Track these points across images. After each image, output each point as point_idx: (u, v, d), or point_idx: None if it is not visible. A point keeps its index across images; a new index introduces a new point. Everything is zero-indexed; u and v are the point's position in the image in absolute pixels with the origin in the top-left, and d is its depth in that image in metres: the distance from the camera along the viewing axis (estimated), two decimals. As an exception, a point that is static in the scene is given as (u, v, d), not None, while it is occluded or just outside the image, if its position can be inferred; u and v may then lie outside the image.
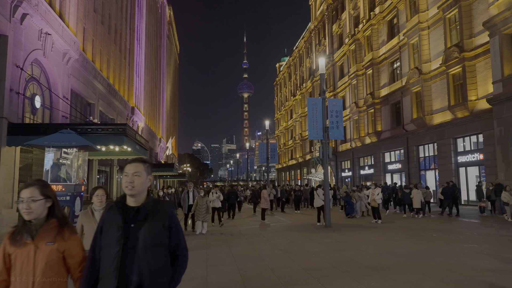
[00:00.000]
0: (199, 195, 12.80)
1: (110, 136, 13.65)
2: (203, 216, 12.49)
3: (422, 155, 29.76)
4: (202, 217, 12.50)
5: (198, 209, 12.50)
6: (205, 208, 12.46)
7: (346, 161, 45.36)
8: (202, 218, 12.50)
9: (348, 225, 14.24)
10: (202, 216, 12.47)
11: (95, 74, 23.23)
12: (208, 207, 12.63)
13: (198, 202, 12.62)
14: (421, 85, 28.14)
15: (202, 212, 12.47)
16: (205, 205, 12.43)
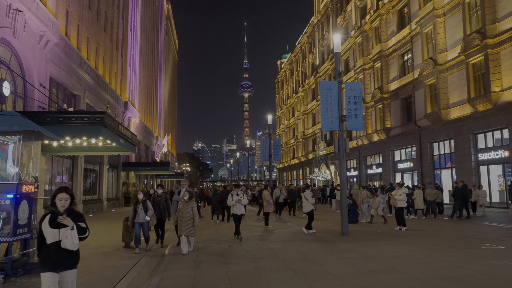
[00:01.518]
0: (184, 199, 9.50)
1: (85, 127, 11.50)
2: (187, 229, 9.23)
3: (437, 153, 27.58)
4: (186, 230, 9.23)
5: (181, 219, 9.29)
6: (189, 218, 9.26)
7: (351, 160, 43.18)
8: (186, 231, 9.22)
9: (367, 233, 12.03)
10: (185, 229, 9.22)
11: (80, 62, 21.08)
12: (195, 215, 9.36)
13: (180, 209, 9.44)
14: (436, 77, 25.97)
15: (185, 223, 9.22)
16: (189, 214, 9.26)
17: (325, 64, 50.79)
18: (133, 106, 35.37)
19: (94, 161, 24.78)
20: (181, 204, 9.58)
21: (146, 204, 9.85)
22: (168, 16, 69.96)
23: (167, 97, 72.40)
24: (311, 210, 12.40)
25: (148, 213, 9.78)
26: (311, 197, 12.36)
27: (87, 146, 16.37)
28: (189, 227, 9.27)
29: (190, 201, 9.43)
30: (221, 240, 11.18)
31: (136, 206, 9.83)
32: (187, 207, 9.38)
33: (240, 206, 11.32)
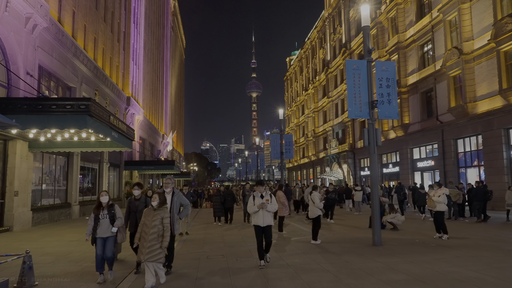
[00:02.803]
0: (151, 205, 6.38)
1: (68, 116, 9.77)
2: (150, 253, 6.00)
3: (462, 150, 25.46)
4: (149, 255, 5.99)
5: (144, 236, 6.15)
6: (156, 235, 6.11)
7: (365, 158, 41.13)
8: (148, 256, 5.99)
9: (403, 242, 9.99)
10: (148, 252, 5.99)
11: (75, 51, 19.41)
12: (166, 231, 6.18)
13: (144, 221, 6.32)
14: (462, 68, 23.88)
15: (149, 242, 6.05)
16: (157, 229, 6.13)
17: (336, 59, 48.78)
18: (137, 102, 33.74)
19: (93, 159, 23.12)
20: (146, 213, 6.34)
21: (114, 210, 6.79)
22: (175, 13, 68.42)
23: (174, 95, 70.88)
24: (318, 215, 10.43)
25: (116, 223, 6.67)
26: (319, 199, 10.41)
27: (79, 141, 14.75)
28: (155, 249, 5.98)
29: (160, 210, 6.27)
30: (228, 251, 9.30)
31: (98, 212, 6.70)
32: (155, 218, 6.14)
33: (266, 215, 7.51)
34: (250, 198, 7.77)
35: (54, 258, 8.63)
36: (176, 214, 7.19)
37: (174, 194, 7.27)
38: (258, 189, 7.74)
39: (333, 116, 50.50)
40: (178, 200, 7.28)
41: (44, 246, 10.35)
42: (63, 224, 16.42)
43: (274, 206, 7.59)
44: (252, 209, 7.56)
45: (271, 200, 7.62)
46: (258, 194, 7.66)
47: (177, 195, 7.31)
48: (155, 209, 6.34)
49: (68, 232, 13.84)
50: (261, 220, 7.49)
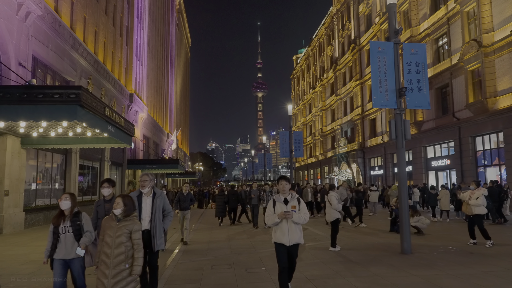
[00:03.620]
0: (112, 212, 4.55)
1: (57, 106, 8.71)
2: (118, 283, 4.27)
3: (481, 148, 24.14)
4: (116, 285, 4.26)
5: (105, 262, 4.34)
6: (122, 257, 4.35)
7: (376, 157, 39.83)
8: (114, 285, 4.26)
9: (434, 249, 8.78)
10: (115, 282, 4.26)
11: (74, 43, 18.41)
12: (137, 251, 4.42)
13: (104, 238, 4.47)
14: (481, 61, 22.57)
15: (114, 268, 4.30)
16: (124, 249, 4.36)
17: (345, 56, 47.51)
18: (140, 99, 32.75)
19: (93, 157, 22.13)
20: (105, 225, 4.49)
21: (80, 220, 4.82)
22: (180, 10, 67.49)
23: (179, 94, 69.95)
24: (337, 219, 9.29)
25: (82, 240, 4.74)
26: (337, 201, 9.23)
27: (74, 137, 13.73)
28: (121, 279, 4.26)
29: (126, 220, 4.45)
30: (235, 260, 8.16)
31: (58, 223, 4.79)
32: (119, 233, 4.35)
33: (293, 229, 5.16)
34: (269, 204, 5.38)
35: (36, 267, 7.55)
36: (159, 224, 5.27)
37: (156, 196, 5.36)
38: (281, 190, 5.35)
39: (341, 114, 49.24)
40: (161, 204, 5.40)
41: (30, 252, 9.32)
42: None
43: (304, 215, 5.19)
44: (271, 219, 5.19)
45: (300, 207, 5.24)
46: (281, 198, 5.27)
47: (160, 198, 5.41)
48: (119, 219, 4.42)
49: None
50: (285, 236, 5.11)
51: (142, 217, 5.28)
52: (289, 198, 5.29)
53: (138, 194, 5.39)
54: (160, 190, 5.60)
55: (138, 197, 5.35)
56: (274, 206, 5.29)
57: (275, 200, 5.35)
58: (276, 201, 5.32)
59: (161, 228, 5.31)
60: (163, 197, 5.49)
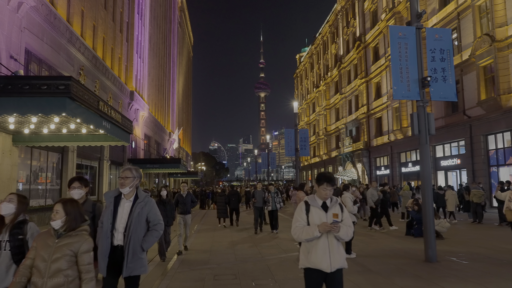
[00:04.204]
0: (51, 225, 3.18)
1: (44, 99, 7.93)
2: None
3: (493, 147, 23.27)
4: None
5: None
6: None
7: (382, 157, 38.97)
8: None
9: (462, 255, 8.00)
10: None
11: (71, 37, 17.66)
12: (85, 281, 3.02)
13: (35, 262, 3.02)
14: (494, 56, 21.71)
15: None
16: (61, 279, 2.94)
17: (350, 53, 46.68)
18: (141, 97, 32.01)
19: (92, 156, 21.38)
20: (39, 241, 3.11)
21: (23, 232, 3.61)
22: (182, 8, 66.77)
23: (181, 93, 69.24)
24: (352, 223, 8.35)
25: None
26: (352, 202, 8.37)
27: (69, 135, 12.94)
28: None
29: (69, 236, 3.08)
30: (241, 268, 7.35)
31: None
32: (57, 254, 2.99)
33: (335, 247, 3.65)
34: (298, 210, 3.80)
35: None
36: (134, 241, 3.83)
37: (138, 202, 3.96)
38: (320, 192, 3.71)
39: (346, 113, 48.40)
40: (143, 213, 3.95)
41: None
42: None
43: (349, 228, 3.69)
44: (306, 232, 3.60)
45: (342, 215, 3.71)
46: (318, 202, 3.73)
47: (144, 204, 3.98)
48: (59, 235, 3.08)
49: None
50: (325, 259, 3.56)
51: (116, 227, 3.89)
52: (329, 203, 3.73)
53: (116, 194, 4.05)
54: (146, 194, 4.12)
55: (115, 198, 4.02)
56: (307, 212, 3.69)
57: (309, 203, 3.74)
58: (310, 204, 3.72)
59: (137, 246, 3.83)
60: (150, 205, 4.02)
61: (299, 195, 10.90)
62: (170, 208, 8.79)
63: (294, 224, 3.70)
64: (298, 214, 3.73)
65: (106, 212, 3.95)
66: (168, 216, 8.48)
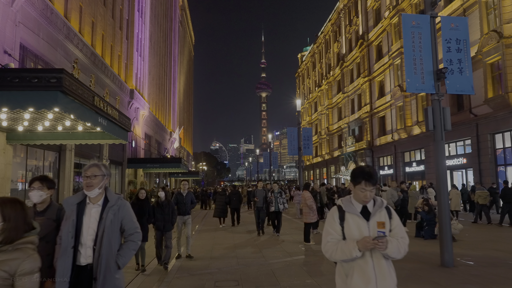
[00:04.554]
0: None
1: (34, 93, 7.47)
2: None
3: (501, 146, 22.77)
4: None
5: None
6: None
7: (385, 156, 38.46)
8: None
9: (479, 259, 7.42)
10: None
11: (68, 33, 17.22)
12: None
13: None
14: (502, 53, 21.21)
15: None
16: None
17: (353, 52, 46.18)
18: (141, 96, 31.57)
19: (90, 155, 20.93)
20: None
21: None
22: (183, 7, 66.35)
23: (182, 92, 68.81)
24: None
25: None
26: None
27: (65, 132, 12.48)
28: None
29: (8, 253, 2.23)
30: (243, 273, 6.89)
31: None
32: None
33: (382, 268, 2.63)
34: (329, 218, 2.80)
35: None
36: (107, 257, 2.98)
37: (108, 207, 3.11)
38: (357, 194, 2.73)
39: (348, 113, 47.91)
40: (116, 220, 3.10)
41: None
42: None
43: (403, 241, 2.70)
44: (340, 250, 2.66)
45: (392, 224, 2.75)
46: (356, 207, 2.74)
47: (117, 208, 3.14)
48: None
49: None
50: (371, 284, 2.60)
51: (82, 241, 3.00)
52: (371, 207, 2.72)
53: (79, 199, 3.10)
54: (118, 196, 3.23)
55: (79, 205, 3.09)
56: (341, 221, 2.71)
57: (343, 208, 2.75)
58: (346, 211, 2.73)
59: (111, 262, 2.97)
60: (125, 209, 3.16)
61: (304, 195, 10.45)
62: (169, 211, 7.90)
63: (325, 238, 2.74)
64: (329, 224, 2.76)
65: (67, 224, 3.00)
66: (165, 220, 7.76)
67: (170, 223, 7.81)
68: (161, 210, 7.72)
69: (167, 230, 7.70)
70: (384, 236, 2.54)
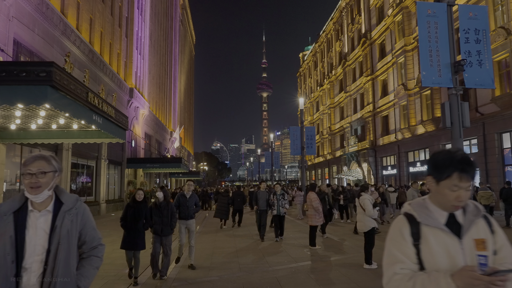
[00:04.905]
0: None
1: (22, 87, 6.99)
2: None
3: (508, 146, 22.23)
4: None
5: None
6: None
7: (388, 156, 37.90)
8: None
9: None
10: None
11: (65, 30, 16.76)
12: None
13: None
14: (510, 50, 20.75)
15: None
16: None
17: (355, 51, 45.64)
18: (141, 95, 31.11)
19: (88, 155, 20.48)
20: None
21: None
22: (184, 6, 65.89)
23: (183, 92, 68.34)
24: (372, 228, 7.36)
25: None
26: (372, 205, 7.32)
27: (59, 131, 12.04)
28: None
29: None
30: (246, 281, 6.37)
31: None
32: None
33: None
34: (394, 234, 1.77)
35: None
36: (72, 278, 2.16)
37: (63, 212, 2.19)
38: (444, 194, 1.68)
39: (351, 112, 47.37)
40: (74, 229, 2.21)
41: None
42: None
43: None
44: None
45: (497, 241, 1.73)
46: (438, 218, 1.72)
47: (76, 213, 2.23)
48: None
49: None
50: None
51: (25, 264, 2.07)
52: (460, 217, 1.74)
53: (17, 206, 2.15)
54: (75, 197, 2.31)
55: (16, 213, 2.14)
56: (416, 240, 1.71)
57: (416, 219, 1.75)
58: (422, 223, 1.73)
59: (70, 286, 2.14)
60: (86, 214, 2.31)
61: (310, 197, 9.91)
62: (168, 213, 6.95)
63: (391, 268, 1.72)
64: (395, 244, 1.76)
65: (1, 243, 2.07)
66: (164, 224, 6.87)
67: (169, 227, 6.93)
68: (159, 212, 6.89)
69: (165, 235, 6.90)
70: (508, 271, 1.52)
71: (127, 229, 6.71)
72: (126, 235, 6.71)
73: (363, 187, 7.79)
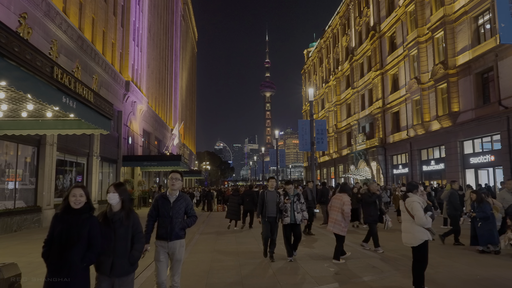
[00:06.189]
0: None
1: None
2: None
3: (537, 141, 20.36)
4: None
5: None
6: None
7: (399, 154, 36.03)
8: None
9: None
10: None
11: (48, 11, 15.05)
12: None
13: None
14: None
15: None
16: None
17: (363, 45, 43.80)
18: (139, 89, 29.40)
19: (78, 151, 18.77)
20: None
21: None
22: (186, 1, 64.18)
23: (185, 89, 66.63)
24: (425, 241, 5.37)
25: None
26: (423, 209, 5.34)
27: (32, 120, 10.27)
28: None
29: None
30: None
31: None
32: None
33: None
34: None
35: None
36: None
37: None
38: None
39: (358, 109, 45.53)
40: None
41: None
42: (27, 235, 12.09)
43: None
44: None
45: None
46: None
47: None
48: None
49: (31, 247, 9.57)
50: None
51: None
52: None
53: None
54: None
55: None
56: None
57: None
58: None
59: None
60: None
61: (343, 199, 7.83)
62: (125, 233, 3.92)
63: None
64: None
65: None
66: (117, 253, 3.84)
67: (126, 260, 3.85)
68: (108, 230, 3.86)
69: (119, 275, 3.81)
70: None
71: (52, 264, 3.51)
72: (49, 276, 3.49)
73: (411, 186, 5.72)
